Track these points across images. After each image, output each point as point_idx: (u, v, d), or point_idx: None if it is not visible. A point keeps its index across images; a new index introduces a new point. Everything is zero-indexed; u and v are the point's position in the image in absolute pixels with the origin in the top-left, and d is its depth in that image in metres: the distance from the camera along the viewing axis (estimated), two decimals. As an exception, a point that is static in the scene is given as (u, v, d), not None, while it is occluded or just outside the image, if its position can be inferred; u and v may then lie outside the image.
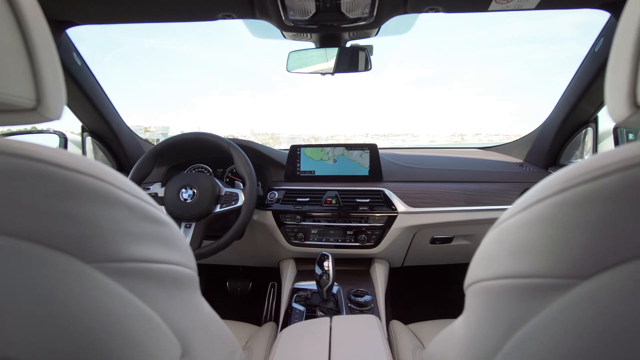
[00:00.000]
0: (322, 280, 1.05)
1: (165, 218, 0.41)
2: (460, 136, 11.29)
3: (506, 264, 0.37)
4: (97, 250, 0.31)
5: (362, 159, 1.43)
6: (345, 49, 1.20)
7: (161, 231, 0.40)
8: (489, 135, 6.20)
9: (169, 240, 0.41)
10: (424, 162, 1.55)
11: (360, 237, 1.32)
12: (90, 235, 0.31)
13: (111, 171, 0.36)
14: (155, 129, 7.69)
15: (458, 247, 1.45)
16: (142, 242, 0.36)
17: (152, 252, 0.37)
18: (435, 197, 1.34)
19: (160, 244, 0.39)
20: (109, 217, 0.33)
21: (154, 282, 0.37)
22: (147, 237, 0.37)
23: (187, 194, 1.19)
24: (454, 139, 11.54)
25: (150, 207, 0.39)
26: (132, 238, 0.35)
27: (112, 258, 0.32)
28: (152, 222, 0.39)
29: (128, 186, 0.37)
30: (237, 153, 1.22)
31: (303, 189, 1.40)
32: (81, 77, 1.18)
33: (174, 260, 0.41)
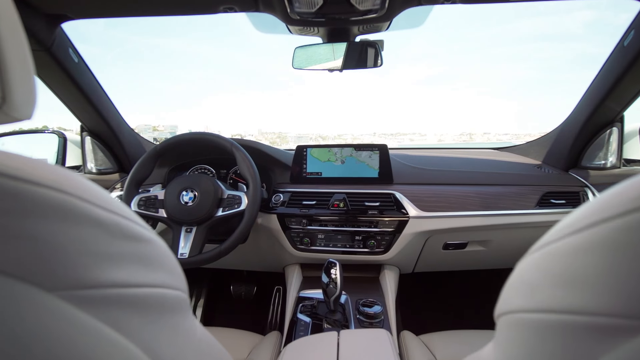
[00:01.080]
0: (329, 289, 0.99)
1: (146, 234, 0.35)
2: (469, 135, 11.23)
3: (553, 295, 0.30)
4: (61, 277, 0.26)
5: (371, 160, 1.36)
6: (354, 44, 1.14)
7: (142, 249, 0.34)
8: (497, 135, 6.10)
9: (152, 259, 0.35)
10: (436, 163, 1.47)
11: (370, 242, 1.26)
12: (51, 259, 0.26)
13: (79, 182, 0.30)
14: (164, 128, 7.72)
15: (472, 253, 1.38)
16: (117, 264, 0.30)
17: (131, 274, 0.32)
18: (449, 200, 1.27)
19: (141, 265, 0.33)
20: (74, 237, 0.27)
21: (134, 310, 0.31)
22: (124, 257, 0.31)
23: (188, 196, 1.13)
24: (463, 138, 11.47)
25: (128, 223, 0.33)
26: (105, 260, 0.29)
27: (79, 284, 0.27)
28: (130, 239, 0.33)
29: (100, 199, 0.31)
30: (241, 154, 1.16)
31: (309, 191, 1.33)
32: (78, 74, 1.13)
33: (159, 282, 0.35)
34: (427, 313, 1.84)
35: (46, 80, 1.11)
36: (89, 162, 1.41)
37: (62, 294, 0.25)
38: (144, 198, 1.16)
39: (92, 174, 1.41)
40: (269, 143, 1.54)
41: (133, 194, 1.16)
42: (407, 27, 1.16)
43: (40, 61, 1.02)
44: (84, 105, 1.22)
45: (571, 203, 1.28)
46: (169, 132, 8.10)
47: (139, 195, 1.16)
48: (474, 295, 1.88)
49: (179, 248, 1.11)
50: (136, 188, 1.18)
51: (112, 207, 0.32)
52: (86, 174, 1.41)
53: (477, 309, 1.85)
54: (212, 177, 1.19)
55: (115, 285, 0.29)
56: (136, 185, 1.18)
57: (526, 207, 1.27)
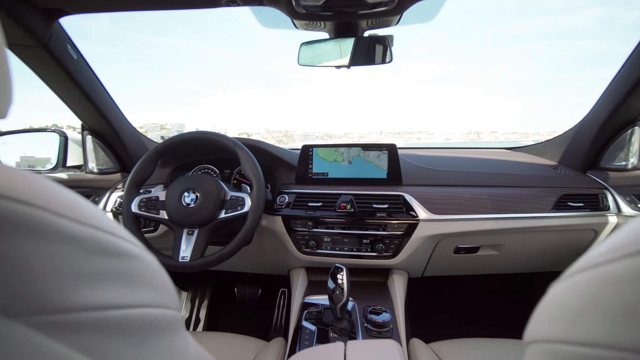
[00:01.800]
0: (335, 295, 0.94)
1: (129, 248, 0.31)
2: (477, 134, 11.12)
3: (602, 327, 0.25)
4: (27, 301, 0.22)
5: (379, 161, 1.31)
6: (362, 39, 1.09)
7: (124, 266, 0.30)
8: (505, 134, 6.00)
9: (136, 276, 0.31)
10: (447, 163, 1.42)
11: (378, 246, 1.21)
12: (15, 282, 0.22)
13: (48, 191, 0.26)
14: (171, 126, 7.74)
15: (484, 258, 1.33)
16: (94, 284, 0.26)
17: (111, 295, 0.28)
18: (460, 203, 1.22)
19: (123, 283, 0.29)
20: (42, 256, 0.23)
21: (115, 334, 0.27)
22: (103, 276, 0.27)
23: (189, 198, 1.10)
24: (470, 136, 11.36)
25: (108, 237, 0.29)
26: (79, 280, 0.25)
27: (49, 309, 0.23)
28: (110, 255, 0.29)
29: (73, 210, 0.27)
30: (244, 154, 1.12)
31: (315, 192, 1.29)
32: (77, 71, 1.10)
33: (144, 302, 0.31)
34: (436, 319, 1.79)
35: (44, 78, 1.08)
36: (90, 162, 1.38)
37: (28, 320, 0.22)
38: (145, 199, 1.13)
39: (94, 174, 1.38)
40: (276, 141, 1.49)
41: (133, 194, 1.13)
42: (417, 22, 1.11)
43: (37, 58, 0.99)
44: (83, 103, 1.19)
45: (590, 206, 1.22)
46: (176, 130, 8.13)
47: (139, 196, 1.13)
48: (487, 301, 1.83)
49: (180, 251, 1.08)
50: (137, 189, 1.15)
51: (88, 219, 0.28)
52: (88, 174, 1.38)
53: (490, 315, 1.79)
54: (215, 178, 1.15)
55: (92, 307, 0.25)
56: (137, 186, 1.15)
57: (542, 210, 1.21)
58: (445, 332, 1.39)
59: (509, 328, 1.77)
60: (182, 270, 1.07)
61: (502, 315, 1.79)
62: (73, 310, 0.24)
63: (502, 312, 1.80)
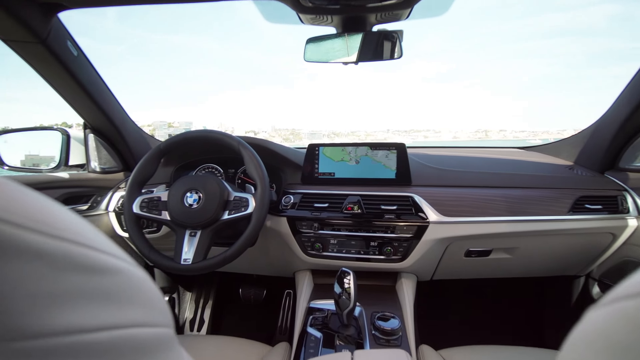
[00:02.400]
0: (341, 300, 0.90)
1: (113, 263, 0.28)
2: (485, 132, 11.00)
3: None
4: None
5: (388, 160, 1.27)
6: (371, 34, 1.04)
7: (105, 283, 0.26)
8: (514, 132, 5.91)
9: (120, 293, 0.28)
10: (457, 163, 1.37)
11: (386, 249, 1.17)
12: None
13: (15, 200, 0.22)
14: (179, 124, 7.73)
15: (497, 261, 1.28)
16: (70, 305, 0.23)
17: (90, 316, 0.24)
18: (472, 204, 1.17)
19: (104, 302, 0.26)
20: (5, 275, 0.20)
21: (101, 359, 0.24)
22: (81, 295, 0.24)
23: (192, 198, 1.06)
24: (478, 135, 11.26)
25: (85, 251, 0.25)
26: (54, 301, 0.22)
27: (16, 335, 0.20)
28: (88, 272, 0.25)
29: (45, 223, 0.23)
30: (248, 153, 1.09)
31: (321, 193, 1.25)
32: (77, 68, 1.07)
33: (130, 321, 0.28)
34: (445, 323, 1.74)
35: (44, 75, 1.05)
36: (92, 161, 1.35)
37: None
38: (147, 199, 1.10)
39: (96, 173, 1.36)
40: (283, 139, 1.46)
41: (135, 194, 1.10)
42: (429, 16, 1.06)
43: (36, 54, 0.96)
44: (84, 101, 1.16)
45: (608, 208, 1.17)
46: (183, 128, 8.14)
47: (141, 197, 1.10)
48: (498, 305, 1.78)
49: (182, 253, 1.05)
50: (139, 189, 1.12)
51: (62, 232, 0.24)
52: (90, 173, 1.36)
53: (502, 320, 1.74)
54: (218, 178, 1.12)
55: (70, 331, 0.22)
56: (139, 186, 1.12)
57: (558, 212, 1.16)
58: (456, 338, 1.35)
59: (520, 333, 1.74)
60: (184, 273, 1.04)
61: (513, 320, 1.74)
62: (47, 336, 0.21)
63: (512, 317, 1.75)
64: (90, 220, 1.28)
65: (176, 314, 1.79)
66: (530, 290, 1.73)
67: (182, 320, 1.78)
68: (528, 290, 1.73)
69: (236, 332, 1.82)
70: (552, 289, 1.62)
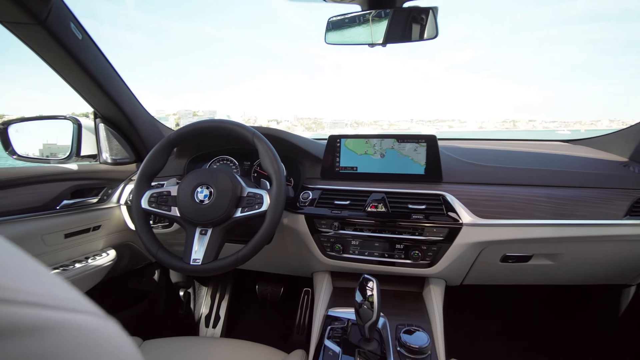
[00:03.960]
0: (362, 310, 0.81)
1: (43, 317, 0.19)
2: (512, 122, 10.53)
3: None
4: None
5: (416, 154, 1.15)
6: (400, 12, 0.92)
7: (33, 348, 0.18)
8: (544, 122, 5.60)
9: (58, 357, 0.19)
10: (494, 158, 1.24)
11: (413, 253, 1.06)
12: None
13: None
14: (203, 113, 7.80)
15: (536, 268, 1.15)
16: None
17: None
18: (512, 205, 1.04)
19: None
20: None
21: None
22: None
23: (202, 194, 0.99)
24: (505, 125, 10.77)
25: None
26: None
27: None
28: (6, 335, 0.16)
29: None
30: (264, 145, 0.99)
31: (343, 189, 1.15)
32: (82, 53, 1.00)
33: None
34: (476, 332, 1.62)
35: (47, 60, 0.98)
36: (104, 152, 1.30)
37: None
38: (156, 194, 1.03)
39: (108, 164, 1.30)
40: (305, 128, 1.35)
41: (144, 189, 1.03)
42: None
43: (36, 37, 0.89)
44: (91, 88, 1.10)
45: None
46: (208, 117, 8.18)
47: (150, 191, 1.03)
48: (534, 313, 1.64)
49: (192, 252, 0.97)
50: (148, 182, 1.05)
51: None
52: (102, 164, 1.30)
53: (537, 330, 1.61)
54: (231, 172, 1.03)
55: None
56: (148, 179, 1.05)
57: (612, 215, 1.02)
58: (486, 348, 1.24)
59: (558, 344, 1.59)
60: (193, 275, 0.98)
61: (549, 330, 1.60)
62: None
63: (549, 326, 1.61)
64: (101, 213, 1.23)
65: (192, 309, 1.75)
66: (570, 298, 1.58)
67: (197, 316, 1.74)
68: (568, 298, 1.58)
69: (252, 330, 1.78)
70: (597, 297, 1.47)
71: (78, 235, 1.14)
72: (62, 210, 1.08)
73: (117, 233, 1.30)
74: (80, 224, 1.14)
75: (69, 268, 1.09)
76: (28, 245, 0.99)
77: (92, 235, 1.20)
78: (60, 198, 1.08)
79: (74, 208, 1.13)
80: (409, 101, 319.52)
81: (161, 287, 1.59)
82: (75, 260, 1.13)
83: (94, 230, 1.21)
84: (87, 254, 1.19)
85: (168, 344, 1.05)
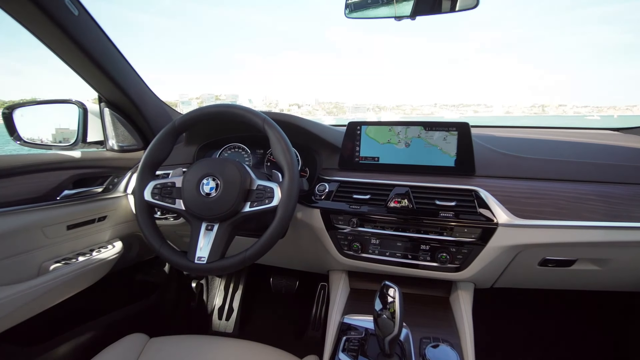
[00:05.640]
0: (382, 321, 0.71)
1: None
2: (541, 107, 10.03)
3: None
4: None
5: (446, 144, 1.02)
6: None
7: None
8: (575, 107, 5.26)
9: None
10: (533, 148, 1.10)
11: (440, 255, 0.95)
12: None
13: None
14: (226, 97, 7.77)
15: (579, 273, 1.02)
16: None
17: None
18: (556, 204, 0.91)
19: None
20: None
21: None
22: None
23: (208, 186, 0.90)
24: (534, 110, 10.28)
25: None
26: None
27: None
28: None
29: None
30: (275, 133, 0.90)
31: (362, 182, 1.04)
32: (79, 31, 0.91)
33: None
34: (507, 339, 1.50)
35: (41, 38, 0.90)
36: (110, 138, 1.23)
37: None
38: (159, 185, 0.95)
39: (114, 151, 1.23)
40: (326, 113, 1.24)
41: (147, 179, 0.95)
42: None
43: (24, 11, 0.81)
44: (91, 70, 1.02)
45: None
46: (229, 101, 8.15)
47: (154, 182, 0.95)
48: (572, 320, 1.50)
49: (196, 249, 0.89)
50: (151, 172, 0.97)
51: None
52: (108, 151, 1.24)
53: (576, 339, 1.48)
54: (239, 163, 0.94)
55: None
56: (151, 169, 0.97)
57: None
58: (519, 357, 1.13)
59: (602, 355, 1.46)
60: (198, 274, 0.90)
61: (590, 339, 1.47)
62: None
63: (589, 335, 1.47)
64: (107, 203, 1.17)
65: (204, 301, 1.70)
66: (614, 306, 1.44)
67: (210, 308, 1.69)
68: (612, 306, 1.44)
69: (266, 325, 1.72)
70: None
71: (82, 227, 1.09)
72: (63, 200, 1.02)
73: (124, 224, 1.25)
74: (83, 214, 1.08)
75: (71, 262, 1.04)
76: (27, 238, 0.94)
77: (98, 227, 1.15)
78: (61, 188, 1.02)
79: (77, 198, 1.06)
80: (433, 85, 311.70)
81: (172, 278, 1.54)
82: (78, 253, 1.08)
83: (100, 221, 1.15)
84: (92, 245, 1.13)
85: (175, 342, 0.99)
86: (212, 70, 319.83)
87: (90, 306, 1.27)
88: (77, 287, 1.10)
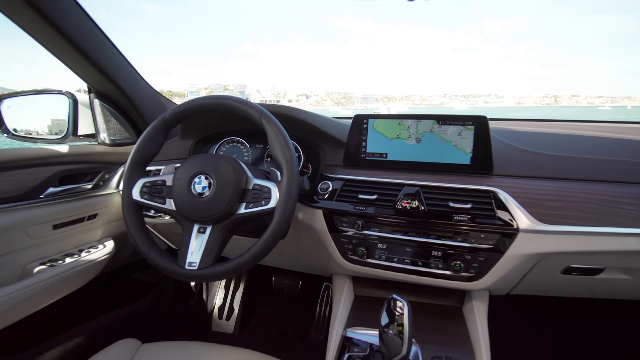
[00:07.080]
0: (388, 337, 0.64)
1: None
2: (554, 98, 9.76)
3: None
4: None
5: (461, 139, 0.93)
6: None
7: None
8: (589, 97, 5.09)
9: None
10: (557, 144, 1.00)
11: (454, 263, 0.86)
12: None
13: None
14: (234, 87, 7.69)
15: (606, 282, 0.93)
16: None
17: None
18: (584, 207, 0.82)
19: None
20: None
21: None
22: None
23: (201, 185, 0.82)
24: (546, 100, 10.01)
25: None
26: None
27: None
28: None
29: None
30: (273, 128, 0.81)
31: (369, 180, 0.95)
32: (59, 15, 0.83)
33: None
34: (524, 349, 1.42)
35: (20, 24, 0.83)
36: (101, 131, 1.16)
37: None
38: (149, 183, 0.88)
39: (106, 145, 1.16)
40: (335, 103, 1.15)
41: (136, 176, 0.88)
42: None
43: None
44: (76, 58, 0.94)
45: None
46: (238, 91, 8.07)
47: (143, 179, 0.88)
48: (594, 330, 1.41)
49: (187, 254, 0.82)
50: (141, 169, 0.90)
51: None
52: (100, 145, 1.17)
53: (598, 350, 1.39)
54: (235, 160, 0.86)
55: None
56: (141, 166, 0.90)
57: None
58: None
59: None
60: (188, 280, 0.83)
61: (614, 350, 1.38)
62: None
63: (613, 346, 1.38)
64: (98, 200, 1.11)
65: (204, 300, 1.64)
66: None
67: (210, 306, 1.63)
68: (637, 314, 1.35)
69: (267, 325, 1.66)
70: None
71: (70, 226, 1.02)
72: (48, 198, 0.95)
73: (116, 222, 1.18)
74: (71, 213, 1.02)
75: (57, 263, 0.97)
76: (8, 239, 0.87)
77: (87, 225, 1.08)
78: (45, 185, 0.95)
79: (64, 196, 1.00)
80: (442, 75, 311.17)
81: (169, 277, 1.48)
82: (66, 254, 1.01)
83: (90, 219, 1.08)
84: (82, 245, 1.07)
85: (169, 349, 0.93)
86: (220, 60, 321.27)
87: (79, 310, 1.21)
88: (65, 290, 1.04)
